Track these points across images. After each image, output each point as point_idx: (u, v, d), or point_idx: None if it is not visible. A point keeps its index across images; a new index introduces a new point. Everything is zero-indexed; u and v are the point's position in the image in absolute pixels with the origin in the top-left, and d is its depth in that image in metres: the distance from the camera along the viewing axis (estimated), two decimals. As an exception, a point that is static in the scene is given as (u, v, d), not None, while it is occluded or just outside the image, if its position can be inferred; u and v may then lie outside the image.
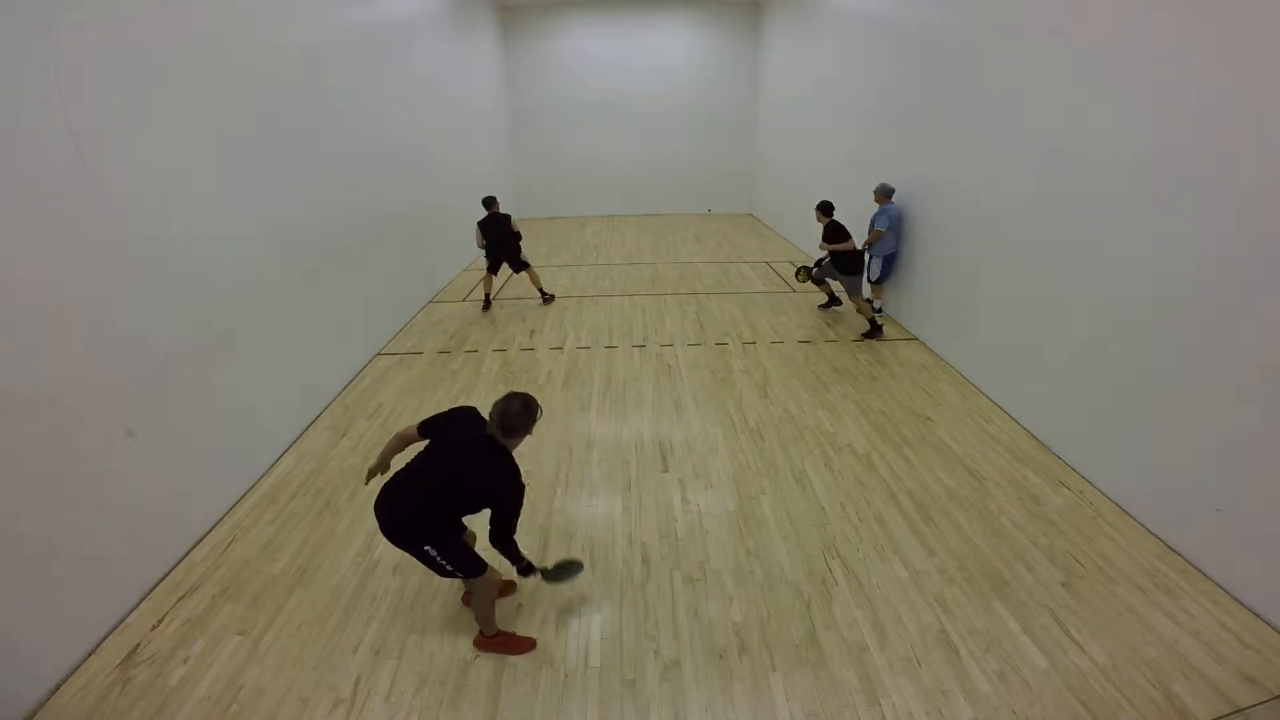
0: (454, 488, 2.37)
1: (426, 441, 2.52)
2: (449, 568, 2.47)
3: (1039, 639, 2.74)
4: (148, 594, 3.05)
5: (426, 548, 2.40)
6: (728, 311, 7.11)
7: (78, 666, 2.65)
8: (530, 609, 2.96)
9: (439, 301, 7.71)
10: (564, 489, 3.87)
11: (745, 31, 12.40)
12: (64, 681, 2.58)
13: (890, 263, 6.46)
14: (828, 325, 6.61)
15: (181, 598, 3.04)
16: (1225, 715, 2.39)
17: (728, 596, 3.01)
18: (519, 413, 2.37)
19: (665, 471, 4.03)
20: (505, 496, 2.39)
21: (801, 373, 5.45)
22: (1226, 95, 2.96)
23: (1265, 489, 2.82)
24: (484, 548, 2.60)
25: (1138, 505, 3.51)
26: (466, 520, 2.59)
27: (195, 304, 3.52)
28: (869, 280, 6.60)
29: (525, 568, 2.59)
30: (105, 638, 2.79)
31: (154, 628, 2.86)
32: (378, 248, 6.13)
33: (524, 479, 2.48)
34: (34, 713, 2.45)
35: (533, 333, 6.53)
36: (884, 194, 6.20)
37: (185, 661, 2.69)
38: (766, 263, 9.32)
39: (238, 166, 3.93)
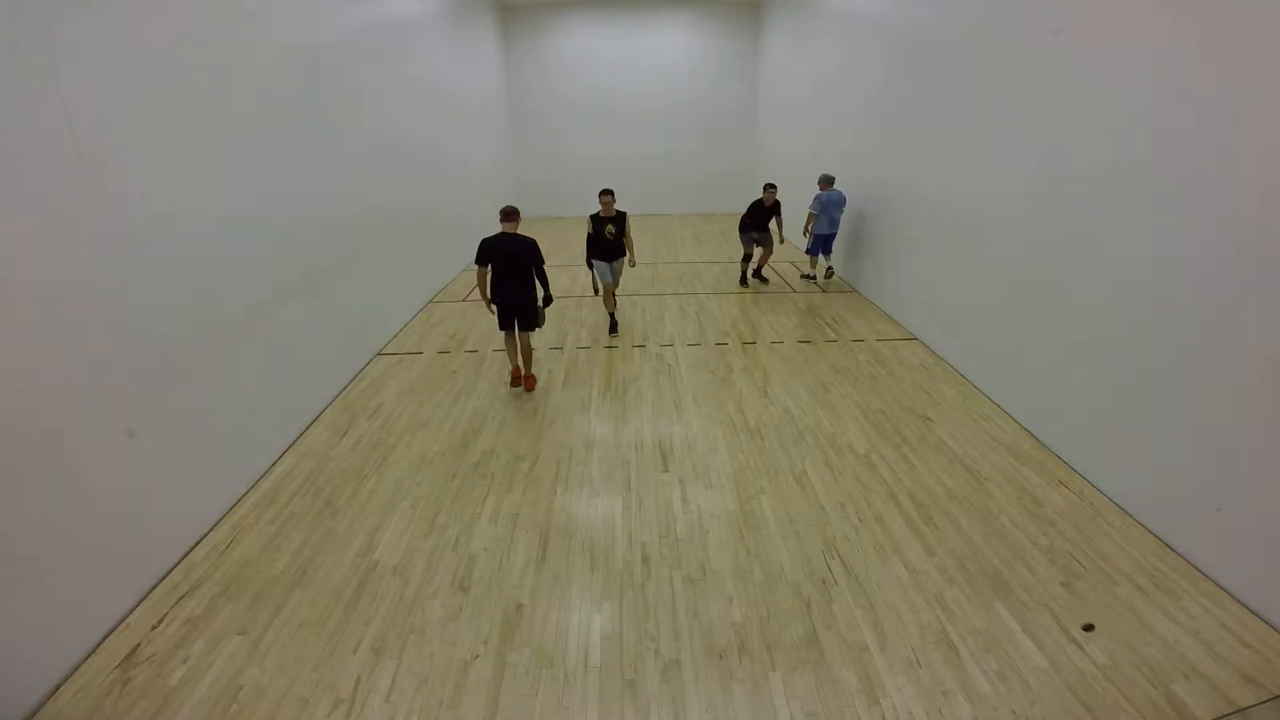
0: (519, 263, 4.79)
1: (491, 265, 4.78)
2: (542, 315, 5.07)
3: (1039, 639, 2.74)
4: (148, 594, 3.05)
5: (539, 303, 4.98)
6: (728, 311, 7.11)
7: (78, 666, 2.65)
8: (530, 608, 2.96)
9: (439, 301, 7.71)
10: (564, 489, 3.87)
11: (745, 31, 12.40)
12: (64, 681, 2.58)
13: (823, 241, 7.75)
14: (828, 325, 6.61)
15: (181, 598, 3.04)
16: (1225, 715, 2.39)
17: (728, 596, 3.01)
18: (507, 208, 4.86)
19: (665, 471, 4.03)
20: (532, 247, 4.81)
21: (801, 373, 5.45)
22: (1227, 96, 2.96)
23: (1265, 489, 2.82)
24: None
25: (1138, 505, 3.51)
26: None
27: (195, 304, 3.52)
28: (807, 251, 8.07)
29: (549, 296, 5.03)
30: (105, 638, 2.79)
31: (154, 628, 2.86)
32: (378, 247, 6.13)
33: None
34: (34, 713, 2.45)
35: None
36: (823, 182, 7.39)
37: (185, 661, 2.69)
38: (767, 262, 9.29)
39: (238, 166, 3.93)
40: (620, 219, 6.04)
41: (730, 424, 4.61)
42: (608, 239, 6.08)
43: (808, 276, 8.29)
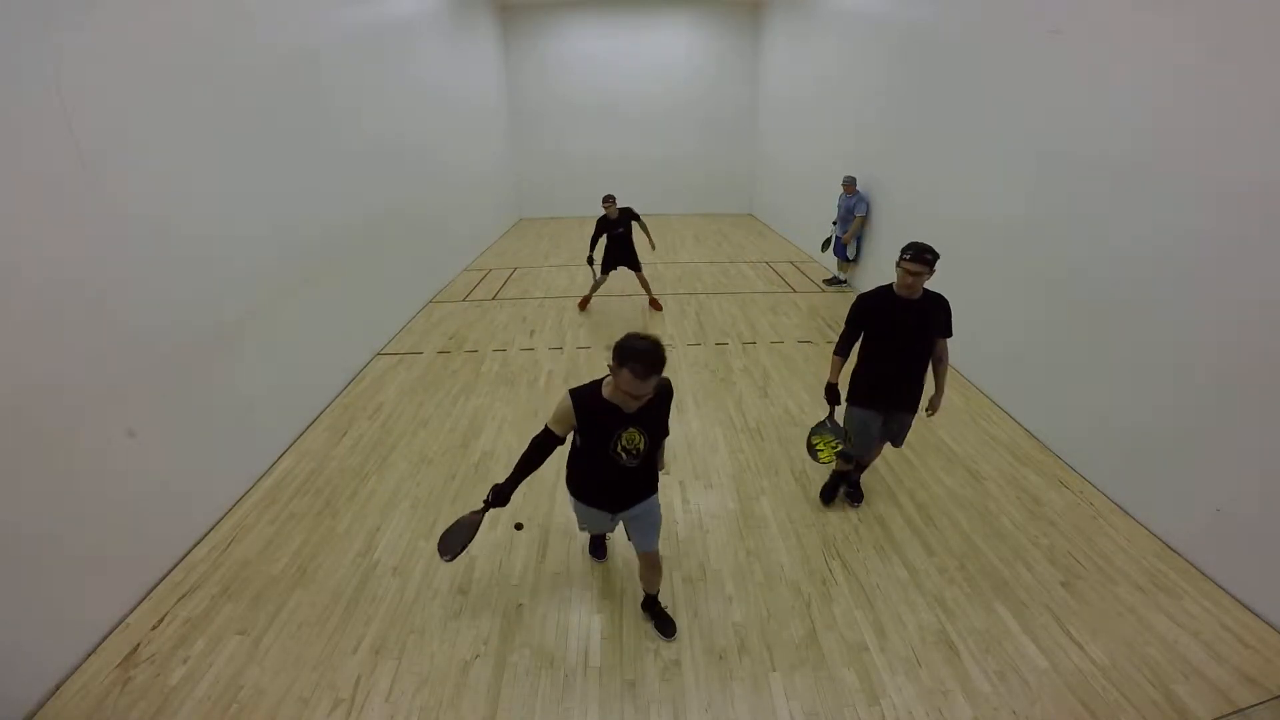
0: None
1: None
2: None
3: (1039, 639, 2.74)
4: (148, 594, 3.05)
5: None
6: (728, 311, 7.11)
7: (78, 666, 2.65)
8: (529, 608, 2.96)
9: (439, 301, 7.71)
10: (564, 489, 3.86)
11: (745, 31, 12.39)
12: (64, 681, 2.58)
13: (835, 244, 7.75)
14: (828, 325, 6.61)
15: (181, 598, 3.04)
16: (1225, 715, 2.39)
17: (728, 596, 3.01)
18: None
19: (665, 472, 4.03)
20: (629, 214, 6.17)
21: (801, 373, 5.45)
22: (1226, 94, 2.96)
23: (1265, 489, 2.82)
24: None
25: (1138, 505, 3.51)
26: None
27: (195, 304, 3.52)
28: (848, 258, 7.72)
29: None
30: (105, 638, 2.80)
31: (154, 628, 2.86)
32: (378, 248, 6.13)
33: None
34: (34, 712, 2.46)
35: (533, 333, 6.53)
36: (847, 183, 7.35)
37: (185, 661, 2.69)
38: (767, 263, 9.32)
39: (238, 166, 3.93)
40: (661, 399, 2.49)
41: (730, 424, 4.60)
42: (623, 464, 2.43)
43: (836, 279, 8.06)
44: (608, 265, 6.87)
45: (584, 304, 7.28)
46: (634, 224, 6.83)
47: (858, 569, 3.17)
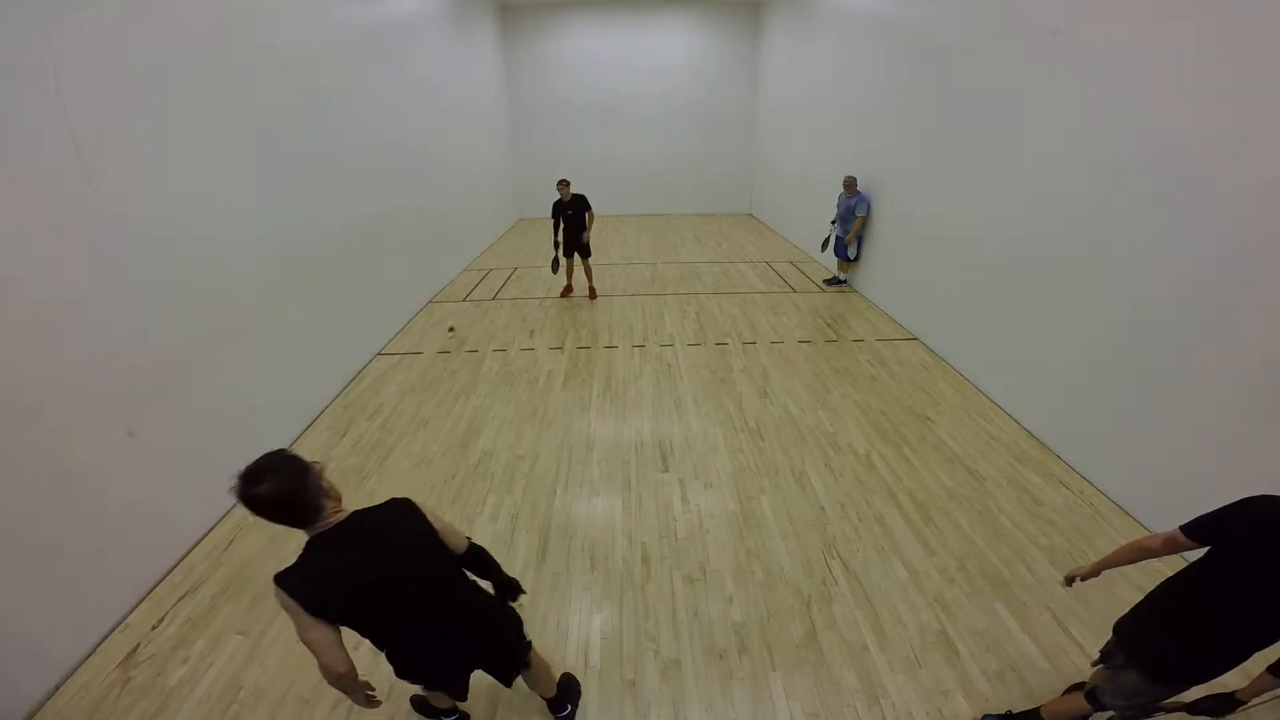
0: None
1: None
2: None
3: (1039, 639, 2.74)
4: (148, 594, 3.06)
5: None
6: (728, 311, 7.11)
7: (78, 666, 2.65)
8: (530, 608, 2.95)
9: (439, 301, 7.71)
10: (564, 489, 3.87)
11: (745, 31, 12.39)
12: (64, 681, 2.59)
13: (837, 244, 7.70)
14: (828, 325, 6.61)
15: (181, 598, 3.04)
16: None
17: (728, 596, 3.01)
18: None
19: (665, 471, 4.03)
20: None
21: (801, 373, 5.45)
22: (1227, 95, 2.96)
23: (1265, 489, 2.81)
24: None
25: (1138, 505, 3.51)
26: None
27: (195, 304, 3.52)
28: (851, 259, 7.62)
29: None
30: (105, 638, 2.80)
31: (154, 628, 2.87)
32: (378, 248, 6.13)
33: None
34: (34, 712, 2.46)
35: (533, 333, 6.53)
36: (848, 184, 7.27)
37: (185, 661, 2.69)
38: (766, 263, 9.32)
39: (238, 166, 3.93)
40: None
41: (730, 424, 4.61)
42: None
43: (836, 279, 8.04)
44: (567, 250, 7.50)
45: (566, 292, 7.77)
46: (586, 214, 7.34)
47: (858, 569, 3.17)
